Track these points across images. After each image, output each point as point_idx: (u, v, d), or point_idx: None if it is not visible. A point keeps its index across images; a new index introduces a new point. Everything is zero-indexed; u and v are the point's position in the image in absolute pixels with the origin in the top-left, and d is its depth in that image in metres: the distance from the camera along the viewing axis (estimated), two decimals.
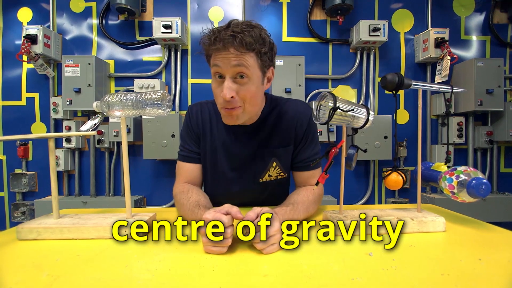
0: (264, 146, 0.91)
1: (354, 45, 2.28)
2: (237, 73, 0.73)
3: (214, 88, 0.78)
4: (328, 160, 0.69)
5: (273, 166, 0.93)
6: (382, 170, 2.38)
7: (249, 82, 0.75)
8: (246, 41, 0.70)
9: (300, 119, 0.90)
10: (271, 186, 0.98)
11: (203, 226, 0.57)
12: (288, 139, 0.92)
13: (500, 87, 2.12)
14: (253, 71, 0.75)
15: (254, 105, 0.81)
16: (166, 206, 2.32)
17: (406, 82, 0.75)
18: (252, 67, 0.74)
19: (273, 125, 0.91)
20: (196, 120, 0.94)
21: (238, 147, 0.92)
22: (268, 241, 0.57)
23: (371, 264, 0.53)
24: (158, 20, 2.10)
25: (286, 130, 0.91)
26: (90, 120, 0.84)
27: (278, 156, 0.93)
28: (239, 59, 0.72)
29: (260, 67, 0.77)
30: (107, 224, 0.67)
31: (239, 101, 0.76)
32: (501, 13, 2.40)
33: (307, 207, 0.81)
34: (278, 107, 0.92)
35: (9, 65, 2.31)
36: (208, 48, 0.74)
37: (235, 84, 0.75)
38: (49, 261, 0.55)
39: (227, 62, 0.72)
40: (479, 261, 0.54)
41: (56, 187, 0.71)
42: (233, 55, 0.71)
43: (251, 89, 0.76)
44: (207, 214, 0.57)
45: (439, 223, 0.72)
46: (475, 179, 0.70)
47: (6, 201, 2.33)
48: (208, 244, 0.56)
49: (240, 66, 0.72)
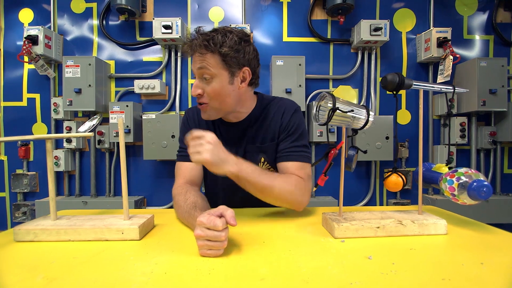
0: (252, 143, 0.96)
1: (355, 45, 2.26)
2: (201, 74, 0.82)
3: None
4: (328, 162, 0.68)
5: (261, 162, 0.96)
6: (384, 171, 2.37)
7: (213, 81, 0.83)
8: (205, 44, 0.79)
9: (285, 112, 0.94)
10: None
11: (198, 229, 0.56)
12: (273, 133, 0.94)
13: (503, 87, 2.10)
14: (216, 71, 0.82)
15: (220, 102, 0.86)
16: (166, 206, 2.32)
17: (407, 82, 0.74)
18: (214, 67, 0.81)
19: (260, 122, 0.95)
20: (193, 122, 0.99)
21: (230, 146, 0.93)
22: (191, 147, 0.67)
23: (371, 267, 0.52)
24: (159, 20, 2.10)
25: (272, 125, 0.95)
26: (89, 121, 0.84)
27: (265, 151, 0.95)
28: (201, 60, 0.81)
29: (226, 67, 0.83)
30: (104, 225, 0.66)
31: (206, 98, 0.85)
32: (504, 12, 2.37)
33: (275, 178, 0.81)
34: (267, 105, 0.97)
35: (10, 66, 2.32)
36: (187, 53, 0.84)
37: (201, 83, 0.84)
38: (45, 263, 0.54)
39: (195, 64, 0.83)
40: (481, 265, 0.53)
41: (53, 188, 0.71)
42: (198, 58, 0.82)
43: (215, 87, 0.83)
44: (202, 217, 0.57)
45: (440, 226, 0.71)
46: (476, 181, 0.69)
47: (7, 201, 2.33)
48: (204, 248, 0.56)
49: (203, 68, 0.81)
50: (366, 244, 0.64)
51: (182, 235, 0.71)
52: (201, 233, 0.55)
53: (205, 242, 0.55)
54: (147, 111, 2.31)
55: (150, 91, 2.18)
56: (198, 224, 0.57)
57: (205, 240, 0.55)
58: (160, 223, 0.80)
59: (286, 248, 0.61)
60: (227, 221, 0.57)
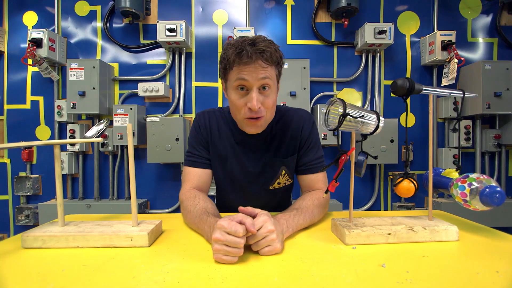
0: (274, 155, 0.96)
1: (359, 47, 2.26)
2: (262, 85, 0.80)
3: (235, 100, 0.82)
4: (338, 168, 0.68)
5: (282, 174, 0.98)
6: (388, 174, 2.36)
7: (271, 93, 0.82)
8: (272, 56, 0.78)
9: (304, 125, 0.96)
10: (280, 193, 1.03)
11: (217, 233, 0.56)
12: (294, 147, 0.96)
13: (508, 90, 2.09)
14: (274, 82, 0.83)
15: (273, 114, 0.88)
16: (169, 210, 2.31)
17: (417, 87, 0.74)
18: (273, 78, 0.82)
19: (281, 134, 0.96)
20: (205, 128, 0.97)
21: (249, 156, 0.96)
22: (262, 243, 0.59)
23: (385, 276, 0.51)
24: (163, 23, 2.10)
25: (293, 139, 0.96)
26: (95, 126, 0.83)
27: (287, 164, 0.97)
28: (265, 71, 0.78)
29: (277, 78, 0.86)
30: (113, 232, 0.66)
31: (263, 111, 0.82)
32: (508, 15, 2.36)
33: (312, 211, 0.81)
34: (284, 116, 0.97)
35: (14, 69, 2.32)
36: (234, 61, 0.78)
37: (260, 95, 0.81)
38: (54, 271, 0.54)
39: (255, 75, 0.77)
40: (496, 274, 0.52)
41: (61, 193, 0.70)
42: (261, 69, 0.78)
43: (273, 98, 0.84)
44: (223, 221, 0.56)
45: (452, 232, 0.70)
46: (488, 187, 0.68)
47: (10, 204, 2.33)
48: (220, 252, 0.55)
49: (266, 78, 0.79)
50: (378, 251, 0.63)
51: (191, 241, 0.70)
52: (220, 237, 0.55)
53: (222, 247, 0.55)
54: (151, 114, 2.31)
55: (154, 94, 2.18)
56: (218, 227, 0.56)
57: (223, 245, 0.55)
58: (168, 229, 0.79)
59: (297, 256, 0.60)
60: (247, 228, 0.56)
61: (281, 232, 0.64)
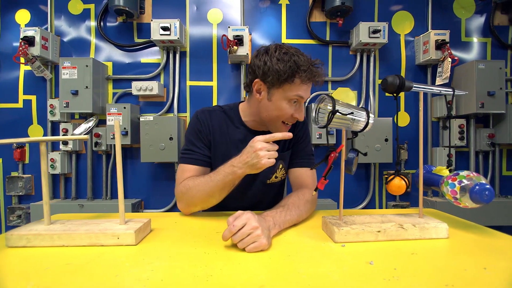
0: None
1: (354, 47, 2.26)
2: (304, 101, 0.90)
3: (285, 108, 0.87)
4: (328, 165, 0.67)
5: (279, 168, 1.02)
6: (383, 173, 2.36)
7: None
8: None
9: (298, 121, 0.98)
10: (275, 187, 1.09)
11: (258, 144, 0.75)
12: (289, 142, 1.03)
13: (501, 89, 2.10)
14: None
15: None
16: (163, 209, 2.29)
17: (407, 84, 0.74)
18: None
19: None
20: (207, 126, 0.97)
21: None
22: (247, 240, 0.59)
23: (372, 273, 0.51)
24: (157, 22, 2.09)
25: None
26: (84, 123, 0.82)
27: (284, 158, 1.02)
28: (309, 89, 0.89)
29: None
30: (99, 230, 0.65)
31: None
32: (501, 15, 2.38)
33: (299, 208, 0.82)
34: None
35: (7, 67, 2.29)
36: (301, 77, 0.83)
37: None
38: (37, 270, 0.53)
39: (308, 93, 0.88)
40: (484, 270, 0.52)
41: (47, 191, 0.69)
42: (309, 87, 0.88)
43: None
44: (257, 138, 0.77)
45: (441, 230, 0.70)
46: (478, 184, 0.68)
47: (1, 204, 2.30)
48: (266, 156, 0.74)
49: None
50: (367, 248, 0.63)
51: (179, 240, 0.69)
52: (264, 144, 0.76)
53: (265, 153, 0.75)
54: (145, 113, 2.29)
55: (148, 93, 2.16)
56: (255, 141, 0.77)
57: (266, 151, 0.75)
58: (157, 228, 0.78)
59: (285, 254, 0.59)
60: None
61: (267, 228, 0.64)
